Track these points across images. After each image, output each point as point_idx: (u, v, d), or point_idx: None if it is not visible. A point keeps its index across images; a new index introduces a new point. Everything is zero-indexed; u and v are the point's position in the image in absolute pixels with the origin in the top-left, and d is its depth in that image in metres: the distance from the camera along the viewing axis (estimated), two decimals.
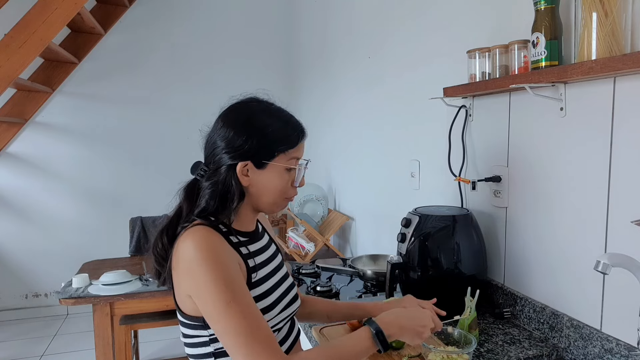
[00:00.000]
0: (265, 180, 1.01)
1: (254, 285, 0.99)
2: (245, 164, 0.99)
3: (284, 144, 1.01)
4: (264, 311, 0.99)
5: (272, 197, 1.03)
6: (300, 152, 1.05)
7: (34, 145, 3.78)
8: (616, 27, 1.02)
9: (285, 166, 1.02)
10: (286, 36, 4.25)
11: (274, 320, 1.02)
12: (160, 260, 1.01)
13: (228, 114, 1.05)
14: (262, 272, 1.03)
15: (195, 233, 0.93)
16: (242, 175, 0.99)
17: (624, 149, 1.08)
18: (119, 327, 2.36)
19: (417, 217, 1.47)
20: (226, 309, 0.87)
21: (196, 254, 0.90)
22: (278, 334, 1.06)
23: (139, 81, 3.97)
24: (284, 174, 1.02)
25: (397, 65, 2.23)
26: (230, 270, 0.91)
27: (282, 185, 1.03)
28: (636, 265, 0.89)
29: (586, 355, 1.17)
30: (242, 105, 1.06)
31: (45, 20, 2.89)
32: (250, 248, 1.02)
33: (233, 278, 0.90)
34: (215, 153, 1.01)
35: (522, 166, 1.40)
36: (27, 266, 3.83)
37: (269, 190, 1.02)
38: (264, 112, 1.04)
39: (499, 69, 1.40)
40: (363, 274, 1.93)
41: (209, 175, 1.01)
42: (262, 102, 1.07)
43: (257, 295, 0.99)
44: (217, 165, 1.00)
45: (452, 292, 1.36)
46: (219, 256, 0.91)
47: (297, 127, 1.05)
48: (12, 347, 3.31)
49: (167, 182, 4.24)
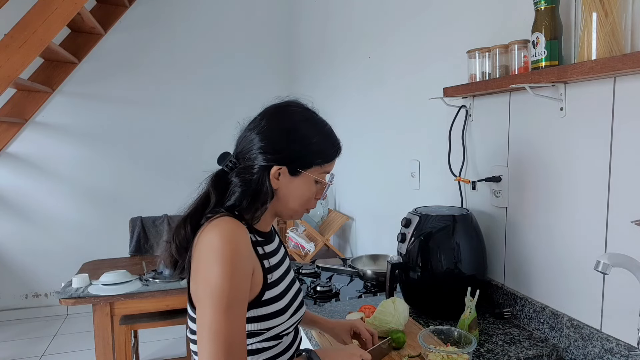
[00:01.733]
0: (294, 187, 1.01)
1: (270, 287, 0.99)
2: (279, 168, 0.99)
3: (321, 157, 1.02)
4: (278, 313, 0.98)
5: (296, 205, 1.04)
6: (332, 167, 1.06)
7: (34, 145, 3.78)
8: (616, 27, 1.02)
9: (317, 178, 1.02)
10: (286, 36, 4.25)
11: (285, 324, 1.01)
12: (180, 249, 0.99)
13: (272, 114, 1.03)
14: (277, 273, 1.03)
15: (224, 224, 0.92)
16: (273, 178, 0.99)
17: (624, 149, 1.08)
18: (119, 327, 2.36)
19: (417, 217, 1.47)
20: (226, 310, 0.86)
21: (220, 245, 0.89)
22: (286, 338, 1.05)
23: (139, 81, 3.97)
24: (312, 185, 1.03)
25: (397, 65, 2.23)
26: (245, 274, 0.91)
27: (308, 196, 1.03)
28: (636, 265, 0.89)
29: (586, 355, 1.17)
30: (288, 109, 1.05)
31: (45, 20, 2.89)
32: (266, 249, 1.02)
33: (242, 282, 0.90)
34: (250, 150, 1.00)
35: (522, 166, 1.40)
36: (27, 266, 3.83)
37: (295, 198, 1.02)
38: (308, 120, 1.04)
39: (499, 69, 1.40)
40: (363, 274, 1.93)
41: (239, 171, 1.00)
42: (307, 109, 1.07)
43: (273, 297, 0.99)
44: (249, 163, 0.99)
45: (452, 292, 1.37)
46: (240, 254, 0.90)
47: (336, 144, 1.06)
48: (12, 347, 3.31)
49: (167, 182, 4.27)
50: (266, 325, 0.97)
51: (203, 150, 4.00)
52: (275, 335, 1.00)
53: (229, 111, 4.05)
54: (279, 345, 1.02)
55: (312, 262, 2.34)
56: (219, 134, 3.57)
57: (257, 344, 0.99)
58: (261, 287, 0.97)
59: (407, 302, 1.41)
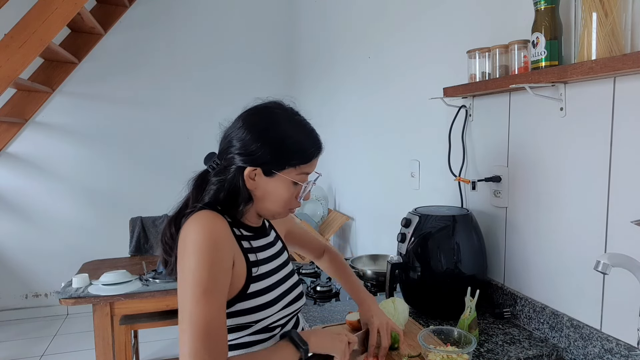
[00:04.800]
0: (271, 188, 1.01)
1: (255, 280, 1.00)
2: (254, 169, 0.99)
3: (297, 158, 1.01)
4: (265, 306, 0.99)
5: (275, 206, 1.03)
6: (312, 167, 1.05)
7: (34, 145, 3.78)
8: (616, 27, 1.02)
9: (293, 180, 1.02)
10: (286, 36, 4.25)
11: (275, 315, 1.02)
12: (167, 250, 1.02)
13: (249, 116, 1.03)
14: (265, 267, 1.04)
15: (200, 217, 0.94)
16: (248, 179, 1.00)
17: (624, 149, 1.08)
18: (119, 327, 2.36)
19: (417, 217, 1.47)
20: (202, 298, 0.87)
21: (197, 236, 0.91)
22: (282, 330, 1.06)
23: (139, 81, 3.97)
24: (290, 186, 1.02)
25: (397, 65, 2.23)
26: (223, 263, 0.92)
27: (287, 197, 1.03)
28: (636, 265, 0.89)
29: (586, 355, 1.17)
30: (266, 110, 1.04)
31: (45, 20, 2.89)
32: (253, 243, 1.03)
33: (221, 271, 0.91)
34: (228, 151, 1.01)
35: (522, 166, 1.40)
36: (27, 266, 3.83)
37: (273, 198, 1.02)
38: (286, 121, 1.02)
39: (499, 69, 1.40)
40: (363, 274, 1.93)
41: (217, 171, 1.02)
42: (286, 110, 1.05)
43: (259, 289, 1.00)
44: (227, 163, 1.01)
45: (452, 292, 1.37)
46: (217, 243, 0.92)
47: (315, 144, 1.03)
48: (12, 347, 3.31)
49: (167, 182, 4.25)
50: (253, 317, 0.98)
51: (203, 150, 3.94)
52: (264, 328, 1.01)
53: (229, 111, 4.03)
54: (271, 338, 1.04)
55: (312, 262, 2.34)
56: (219, 134, 3.57)
57: (247, 337, 1.00)
58: (245, 280, 0.98)
59: (407, 302, 1.41)
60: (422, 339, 1.12)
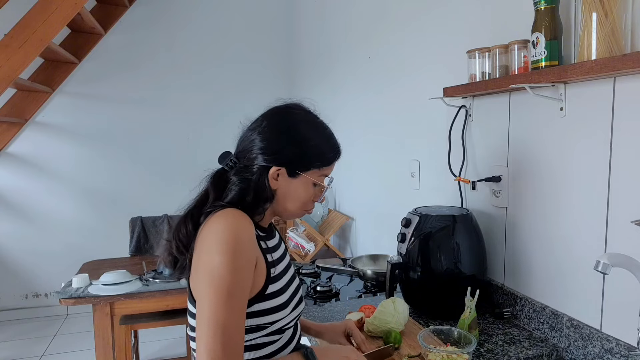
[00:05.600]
0: (293, 189, 1.02)
1: (273, 280, 0.99)
2: (278, 169, 1.00)
3: (320, 160, 1.03)
4: (281, 307, 0.99)
5: (294, 206, 1.05)
6: (331, 170, 1.07)
7: (34, 145, 3.78)
8: (616, 27, 1.02)
9: (315, 181, 1.03)
10: (286, 36, 4.25)
11: (287, 318, 1.02)
12: (181, 247, 0.99)
13: (273, 116, 1.05)
14: (279, 268, 1.04)
15: (228, 215, 0.93)
16: (272, 179, 1.00)
17: (623, 149, 1.08)
18: (119, 327, 2.36)
19: (417, 217, 1.47)
20: (226, 300, 0.86)
21: (225, 235, 0.89)
22: (287, 332, 1.06)
23: (139, 81, 3.97)
24: (310, 187, 1.04)
25: (397, 66, 2.23)
26: (248, 265, 0.91)
27: (306, 198, 1.04)
28: (636, 265, 0.89)
29: (586, 355, 1.17)
30: (289, 110, 1.06)
31: (45, 20, 2.89)
32: (268, 244, 1.04)
33: (245, 274, 0.90)
34: (251, 150, 1.01)
35: (522, 166, 1.40)
36: (27, 266, 3.83)
37: (294, 199, 1.03)
38: (309, 123, 1.05)
39: (499, 69, 1.40)
40: (363, 274, 1.93)
41: (238, 170, 1.02)
42: (308, 112, 1.08)
43: (276, 290, 1.00)
44: (249, 163, 1.01)
45: (452, 292, 1.37)
46: (244, 244, 0.91)
47: (336, 147, 1.06)
48: (12, 347, 3.31)
49: (167, 182, 4.27)
50: (269, 319, 0.98)
51: (203, 150, 4.00)
52: (278, 330, 1.01)
53: (229, 111, 4.06)
54: (280, 339, 1.03)
55: (312, 262, 2.34)
56: (219, 134, 3.58)
57: (260, 338, 0.99)
58: (265, 281, 0.98)
59: (407, 302, 1.41)
60: (422, 339, 1.12)
